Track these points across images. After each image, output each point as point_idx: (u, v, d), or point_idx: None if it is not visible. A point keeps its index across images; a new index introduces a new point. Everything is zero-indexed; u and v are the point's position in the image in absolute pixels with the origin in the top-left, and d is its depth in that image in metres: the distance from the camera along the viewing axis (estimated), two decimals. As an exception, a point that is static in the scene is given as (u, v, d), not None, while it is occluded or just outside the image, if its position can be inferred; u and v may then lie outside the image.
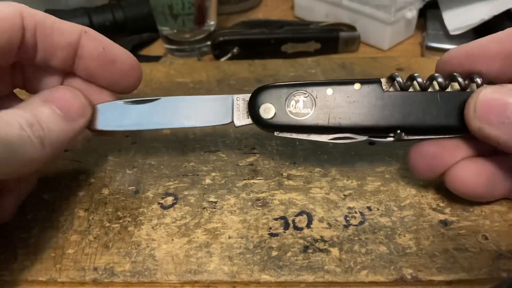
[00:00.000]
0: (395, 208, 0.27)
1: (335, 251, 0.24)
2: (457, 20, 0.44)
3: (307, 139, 0.26)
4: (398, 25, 0.45)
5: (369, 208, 0.27)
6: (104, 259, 0.25)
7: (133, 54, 0.28)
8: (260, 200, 0.28)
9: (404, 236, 0.25)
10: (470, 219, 0.26)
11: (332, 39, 0.46)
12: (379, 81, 0.25)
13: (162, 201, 0.28)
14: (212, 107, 0.27)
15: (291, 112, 0.25)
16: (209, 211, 0.27)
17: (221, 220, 0.26)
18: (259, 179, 0.29)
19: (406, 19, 0.46)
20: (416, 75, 0.24)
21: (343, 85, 0.25)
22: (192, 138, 0.33)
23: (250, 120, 0.26)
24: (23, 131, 0.21)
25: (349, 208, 0.27)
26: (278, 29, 0.46)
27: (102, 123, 0.27)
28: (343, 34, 0.46)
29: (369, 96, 0.25)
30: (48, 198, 0.28)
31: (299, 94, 0.25)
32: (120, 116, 0.27)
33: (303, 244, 0.25)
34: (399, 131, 0.25)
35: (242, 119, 0.27)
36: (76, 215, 0.27)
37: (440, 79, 0.24)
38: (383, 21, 0.44)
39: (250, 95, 0.26)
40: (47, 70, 0.27)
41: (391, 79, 0.25)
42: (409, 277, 0.23)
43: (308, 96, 0.25)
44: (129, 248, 0.25)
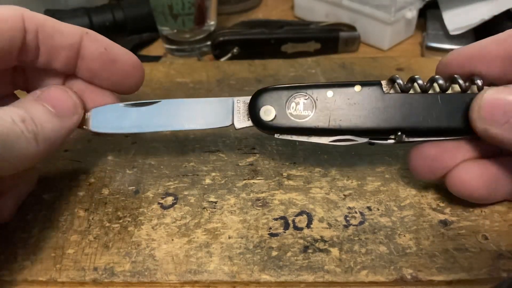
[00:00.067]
0: (395, 208, 0.27)
1: (335, 251, 0.24)
2: (457, 20, 0.44)
3: (308, 141, 0.26)
4: (398, 25, 0.45)
5: (369, 208, 0.27)
6: (104, 259, 0.25)
7: (133, 54, 0.28)
8: (260, 200, 0.28)
9: (404, 236, 0.25)
10: (470, 219, 0.26)
11: (332, 39, 0.46)
12: (379, 83, 0.25)
13: (162, 201, 0.28)
14: (213, 110, 0.27)
15: (291, 115, 0.25)
16: (209, 211, 0.27)
17: (221, 220, 0.26)
18: (259, 179, 0.29)
19: (406, 19, 0.46)
20: (417, 77, 0.24)
21: (343, 87, 0.25)
22: (192, 138, 0.33)
23: (250, 123, 0.26)
24: (16, 125, 0.21)
25: (349, 208, 0.27)
26: (278, 29, 0.46)
27: (102, 125, 0.27)
28: (343, 34, 0.46)
29: (370, 98, 0.25)
30: (48, 198, 0.28)
31: (299, 96, 0.25)
32: (120, 119, 0.27)
33: (303, 244, 0.25)
34: (399, 133, 0.24)
35: (242, 121, 0.27)
36: (76, 215, 0.27)
37: (440, 81, 0.24)
38: (383, 21, 0.44)
39: (250, 97, 0.26)
40: (49, 72, 0.27)
41: (392, 81, 0.25)
42: (409, 277, 0.23)
43: (309, 98, 0.25)
44: (129, 248, 0.25)
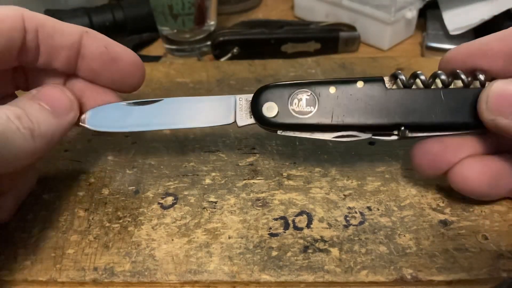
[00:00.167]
0: (395, 208, 0.27)
1: (335, 251, 0.24)
2: (457, 20, 0.44)
3: (311, 137, 0.26)
4: (398, 25, 0.45)
5: (369, 208, 0.27)
6: (104, 259, 0.25)
7: (134, 52, 0.28)
8: (260, 200, 0.28)
9: (404, 236, 0.25)
10: (470, 219, 0.26)
11: (332, 39, 0.46)
12: (382, 79, 0.25)
13: (162, 201, 0.28)
14: (215, 108, 0.27)
15: (294, 111, 0.25)
16: (209, 211, 0.27)
17: (221, 220, 0.26)
18: (259, 179, 0.29)
19: (406, 19, 0.46)
20: (419, 72, 0.24)
21: (346, 83, 0.25)
22: (192, 138, 0.33)
23: (253, 120, 0.26)
24: (11, 122, 0.21)
25: (349, 208, 0.27)
26: (278, 29, 0.46)
27: (104, 124, 0.27)
28: (343, 34, 0.46)
29: (372, 94, 0.25)
30: (48, 198, 0.28)
31: (301, 92, 0.25)
32: (122, 117, 0.27)
33: (303, 244, 0.25)
34: (403, 129, 0.24)
35: (244, 119, 0.27)
36: (76, 215, 0.27)
37: (443, 77, 0.24)
38: (383, 21, 0.44)
39: (252, 95, 0.26)
40: (49, 72, 0.27)
41: (394, 77, 0.25)
42: (409, 277, 0.23)
43: (311, 94, 0.25)
44: (129, 248, 0.25)
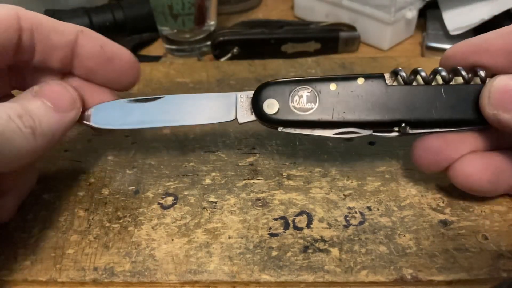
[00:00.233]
0: (395, 208, 0.27)
1: (335, 251, 0.24)
2: (457, 20, 0.44)
3: (311, 134, 0.26)
4: (398, 25, 0.45)
5: (369, 208, 0.27)
6: (104, 259, 0.25)
7: (133, 54, 0.28)
8: (260, 200, 0.28)
9: (404, 236, 0.25)
10: (470, 219, 0.26)
11: (332, 39, 0.46)
12: (382, 76, 0.25)
13: (162, 201, 0.28)
14: (216, 105, 0.27)
15: (294, 107, 0.25)
16: (209, 211, 0.27)
17: (221, 220, 0.26)
18: (259, 179, 0.29)
19: (406, 19, 0.46)
20: (420, 69, 0.24)
21: (346, 80, 0.25)
22: (192, 138, 0.33)
23: (253, 117, 0.26)
24: (12, 122, 0.21)
25: (349, 208, 0.27)
26: (278, 29, 0.46)
27: (105, 121, 0.27)
28: (343, 34, 0.46)
29: (373, 90, 0.25)
30: (48, 198, 0.28)
31: (302, 89, 0.25)
32: (123, 115, 0.27)
33: (303, 244, 0.25)
34: (403, 125, 0.24)
35: (245, 116, 0.27)
36: (76, 215, 0.27)
37: (443, 73, 0.24)
38: (383, 21, 0.44)
39: (253, 92, 0.26)
40: (45, 71, 0.27)
41: (395, 73, 0.25)
42: (409, 277, 0.23)
43: (312, 91, 0.25)
44: (129, 248, 0.25)
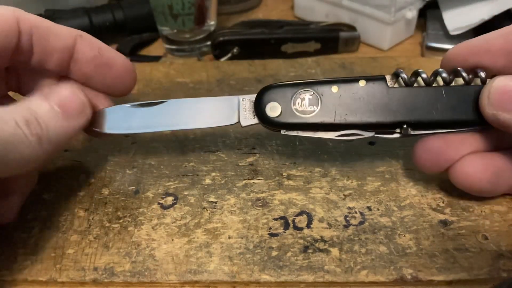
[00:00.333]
0: (395, 208, 0.27)
1: (335, 251, 0.24)
2: (457, 20, 0.44)
3: (314, 136, 0.26)
4: (398, 25, 0.45)
5: (369, 208, 0.27)
6: (104, 259, 0.25)
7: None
8: (260, 200, 0.28)
9: (404, 236, 0.25)
10: (470, 219, 0.26)
11: (332, 39, 0.46)
12: (383, 78, 0.25)
13: (162, 201, 0.28)
14: (218, 108, 0.27)
15: (297, 110, 0.25)
16: (209, 211, 0.27)
17: (221, 220, 0.26)
18: (259, 179, 0.29)
19: (406, 19, 0.46)
20: (421, 70, 0.25)
21: (348, 82, 0.25)
22: (192, 138, 0.33)
23: (256, 120, 0.26)
24: (19, 128, 0.21)
25: (349, 208, 0.27)
26: (278, 29, 0.46)
27: (109, 126, 0.27)
28: (343, 34, 0.46)
29: (374, 92, 0.25)
30: (48, 198, 0.28)
31: (304, 92, 0.25)
32: (126, 119, 0.27)
33: (303, 244, 0.25)
34: (405, 126, 0.25)
35: (248, 119, 0.27)
36: (76, 215, 0.27)
37: (444, 74, 0.24)
38: (383, 21, 0.44)
39: (255, 95, 0.26)
40: (41, 73, 0.27)
41: (396, 75, 0.25)
42: (409, 277, 0.23)
43: (314, 94, 0.25)
44: (129, 248, 0.25)
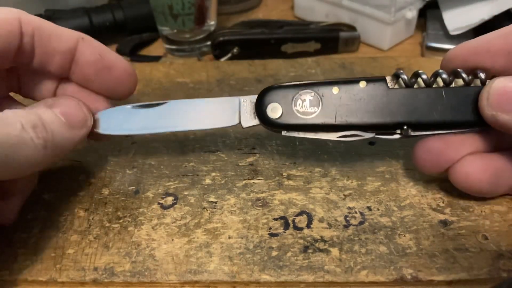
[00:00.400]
0: (395, 208, 0.27)
1: (335, 251, 0.24)
2: (457, 20, 0.44)
3: (315, 137, 0.26)
4: (398, 25, 0.45)
5: (369, 208, 0.27)
6: (104, 259, 0.25)
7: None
8: (260, 200, 0.28)
9: (404, 236, 0.25)
10: (470, 219, 0.26)
11: (332, 39, 0.46)
12: (384, 79, 0.25)
13: (162, 201, 0.28)
14: (219, 110, 0.27)
15: (298, 111, 0.25)
16: (209, 211, 0.27)
17: (221, 220, 0.26)
18: (259, 179, 0.29)
19: (406, 19, 0.46)
20: (421, 71, 0.25)
21: (348, 83, 0.25)
22: (192, 138, 0.33)
23: (257, 121, 0.27)
24: (25, 132, 0.21)
25: (349, 208, 0.27)
26: (278, 29, 0.46)
27: (110, 128, 0.27)
28: (343, 34, 0.46)
29: (375, 93, 0.25)
30: (48, 198, 0.28)
31: (305, 93, 0.25)
32: (128, 121, 0.27)
33: (303, 244, 0.25)
34: (405, 127, 0.25)
35: (249, 120, 0.27)
36: (76, 215, 0.27)
37: (444, 75, 0.24)
38: (383, 21, 0.44)
39: (256, 96, 0.26)
40: (43, 74, 0.27)
41: (396, 76, 0.25)
42: (409, 277, 0.23)
43: (315, 95, 0.25)
44: (129, 248, 0.25)
